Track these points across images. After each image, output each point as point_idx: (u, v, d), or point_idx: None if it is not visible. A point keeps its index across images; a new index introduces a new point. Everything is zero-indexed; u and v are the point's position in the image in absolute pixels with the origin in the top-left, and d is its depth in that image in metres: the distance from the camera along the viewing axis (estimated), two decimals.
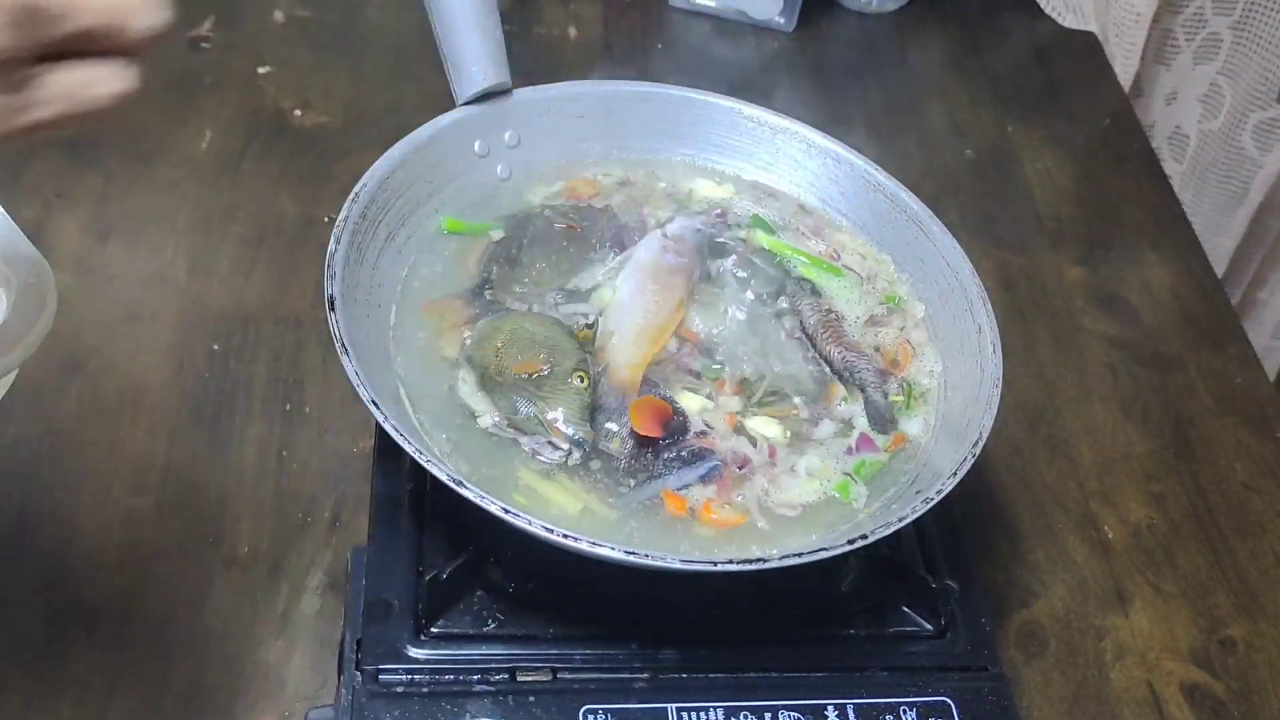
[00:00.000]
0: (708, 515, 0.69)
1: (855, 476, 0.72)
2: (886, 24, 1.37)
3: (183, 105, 1.11)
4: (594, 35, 1.28)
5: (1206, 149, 1.47)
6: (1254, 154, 1.45)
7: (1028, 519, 0.91)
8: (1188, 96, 1.45)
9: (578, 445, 0.70)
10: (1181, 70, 1.44)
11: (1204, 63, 1.43)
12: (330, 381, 0.91)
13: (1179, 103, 1.46)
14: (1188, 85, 1.45)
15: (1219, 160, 1.47)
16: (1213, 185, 1.49)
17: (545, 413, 0.70)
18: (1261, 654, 0.85)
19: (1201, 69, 1.43)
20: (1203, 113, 1.45)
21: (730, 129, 0.89)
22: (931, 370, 0.79)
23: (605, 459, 0.70)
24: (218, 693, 0.74)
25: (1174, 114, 1.47)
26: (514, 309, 0.77)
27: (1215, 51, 1.41)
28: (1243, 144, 1.44)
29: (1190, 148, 1.48)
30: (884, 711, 0.68)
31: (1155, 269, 1.14)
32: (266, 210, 1.03)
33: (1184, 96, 1.46)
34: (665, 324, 0.77)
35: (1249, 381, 1.04)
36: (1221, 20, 1.39)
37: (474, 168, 0.83)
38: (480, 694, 0.66)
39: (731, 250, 0.83)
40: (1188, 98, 1.45)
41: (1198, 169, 1.48)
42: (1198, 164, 1.48)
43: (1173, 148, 1.49)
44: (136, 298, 0.95)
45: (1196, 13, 1.40)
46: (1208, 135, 1.46)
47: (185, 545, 0.80)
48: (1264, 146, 1.44)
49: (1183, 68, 1.44)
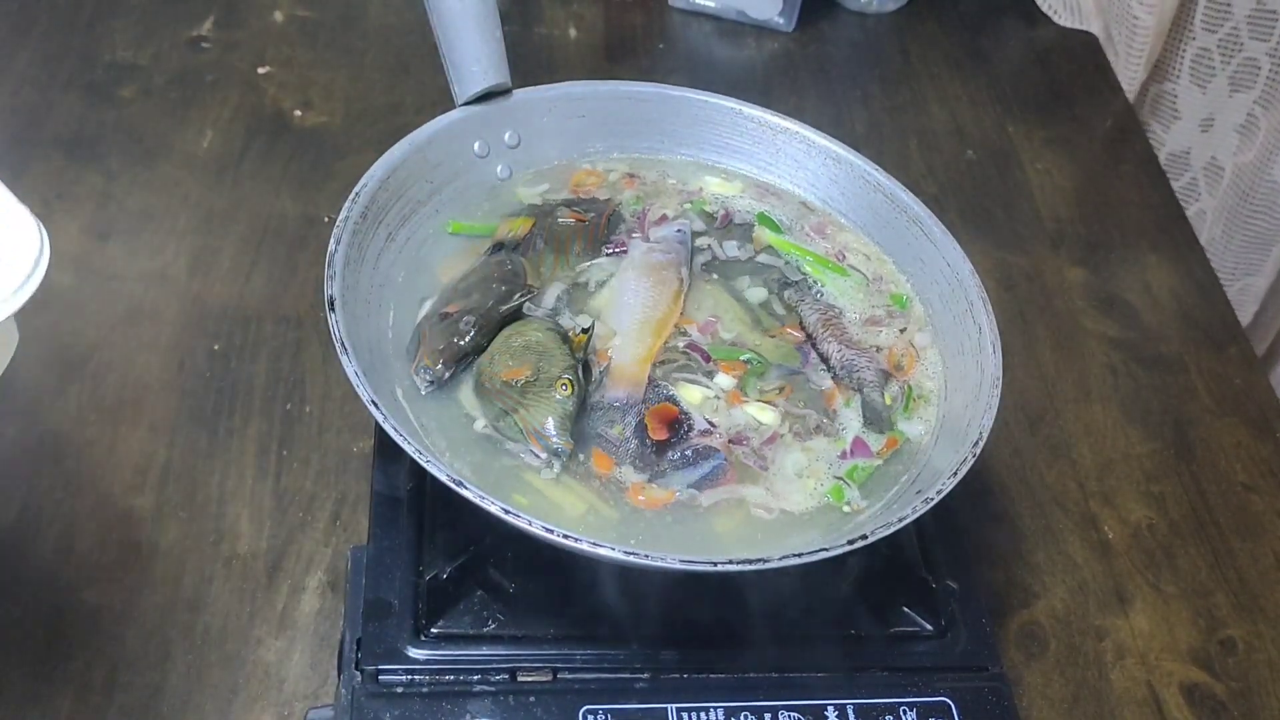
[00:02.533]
0: (636, 497, 0.69)
1: (848, 481, 0.72)
2: (886, 24, 1.37)
3: (183, 105, 1.11)
4: (594, 35, 1.28)
5: (1239, 183, 1.40)
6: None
7: (1028, 519, 0.91)
8: (1225, 126, 1.39)
9: (556, 455, 0.69)
10: (1218, 95, 1.37)
11: (1241, 90, 1.36)
12: (330, 381, 0.91)
13: (1216, 130, 1.40)
14: (1225, 113, 1.38)
15: (1250, 195, 1.40)
16: (1242, 221, 1.42)
17: (525, 421, 0.69)
18: (1261, 654, 0.85)
19: (1239, 97, 1.37)
20: (1239, 144, 1.39)
21: (730, 129, 0.89)
22: (934, 374, 0.79)
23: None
24: (217, 692, 0.74)
25: (1211, 143, 1.40)
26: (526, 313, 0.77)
27: (1253, 79, 1.35)
28: (1275, 178, 1.37)
29: (1224, 180, 1.41)
30: (884, 712, 0.68)
31: (1155, 270, 1.14)
32: (267, 210, 1.03)
33: (1221, 125, 1.39)
34: (665, 316, 0.77)
35: (1249, 382, 1.04)
36: (1259, 46, 1.32)
37: (474, 168, 0.84)
38: (480, 694, 0.66)
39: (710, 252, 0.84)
40: (1224, 127, 1.39)
41: (1228, 203, 1.42)
42: (1229, 198, 1.41)
43: (1208, 180, 1.43)
44: (137, 297, 0.95)
45: (1231, 33, 1.33)
46: (1241, 169, 1.39)
47: (185, 545, 0.81)
48: None
49: (1218, 91, 1.37)
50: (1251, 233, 1.41)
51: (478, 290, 0.75)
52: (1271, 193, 1.38)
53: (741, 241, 0.84)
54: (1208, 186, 1.44)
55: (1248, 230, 1.42)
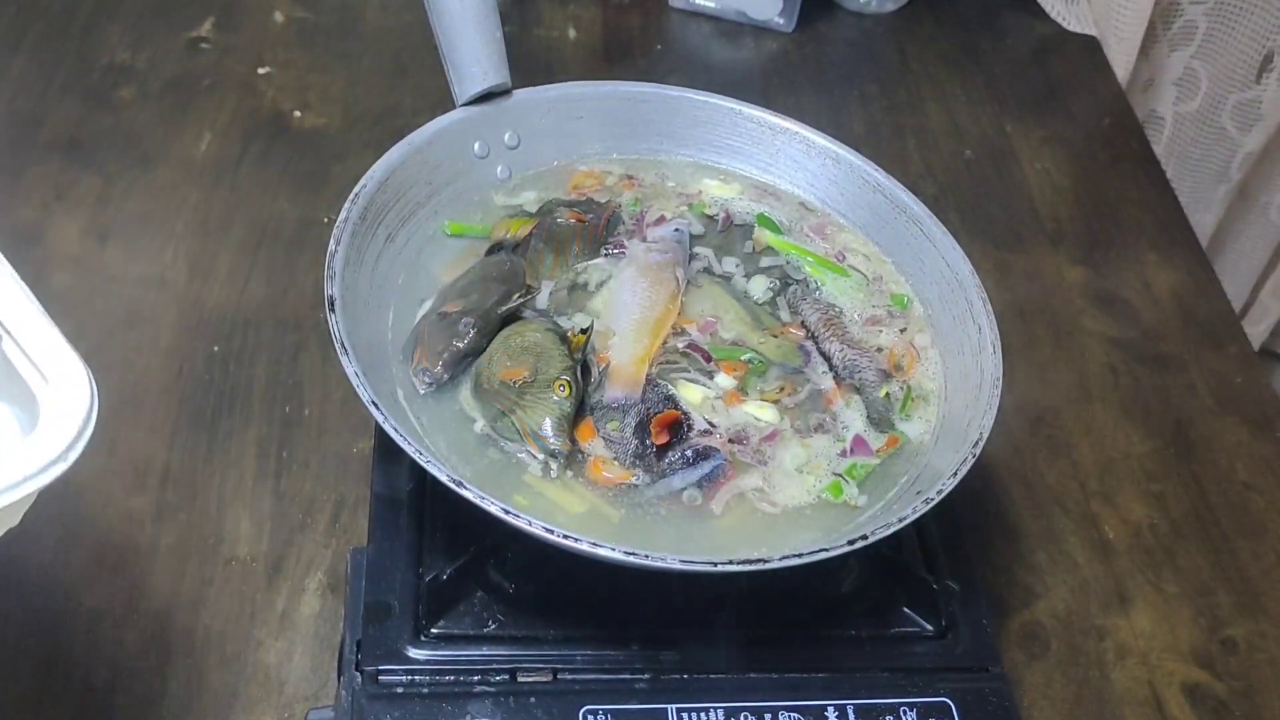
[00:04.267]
0: (598, 471, 0.69)
1: (847, 478, 0.72)
2: (886, 24, 1.37)
3: (182, 107, 1.11)
4: (594, 36, 1.28)
5: (1183, 130, 1.50)
6: (1234, 134, 1.48)
7: (1028, 519, 0.91)
8: (1163, 82, 1.48)
9: (553, 456, 0.69)
10: (1158, 59, 1.47)
11: (1179, 49, 1.45)
12: (330, 383, 0.91)
13: (1154, 88, 1.49)
14: (1163, 72, 1.47)
15: (1198, 140, 1.50)
16: (1192, 165, 1.52)
17: (522, 422, 0.69)
18: (1263, 654, 0.85)
19: (1177, 55, 1.45)
20: (1178, 95, 1.48)
21: (730, 129, 0.89)
22: (935, 374, 0.79)
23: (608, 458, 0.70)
24: (217, 693, 0.74)
25: (1149, 99, 1.50)
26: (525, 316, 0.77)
27: (1190, 38, 1.44)
28: (1222, 124, 1.47)
29: (1166, 130, 1.51)
30: (884, 712, 0.68)
31: (1155, 269, 1.14)
32: (266, 212, 1.03)
33: (1159, 82, 1.49)
34: (662, 316, 0.77)
35: (1249, 381, 1.04)
36: (1197, 8, 1.41)
37: (474, 169, 0.84)
38: (481, 695, 0.66)
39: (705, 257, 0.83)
40: (1163, 83, 1.48)
41: (1175, 150, 1.51)
42: (1175, 145, 1.51)
43: (1149, 130, 1.51)
44: (136, 300, 0.95)
45: (1173, 3, 1.42)
46: (1184, 117, 1.49)
47: (185, 546, 0.80)
48: (1243, 126, 1.47)
49: (1159, 55, 1.46)
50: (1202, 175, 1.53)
51: (476, 290, 0.75)
52: (1220, 137, 1.49)
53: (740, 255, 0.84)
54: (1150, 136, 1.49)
55: (1199, 173, 1.53)
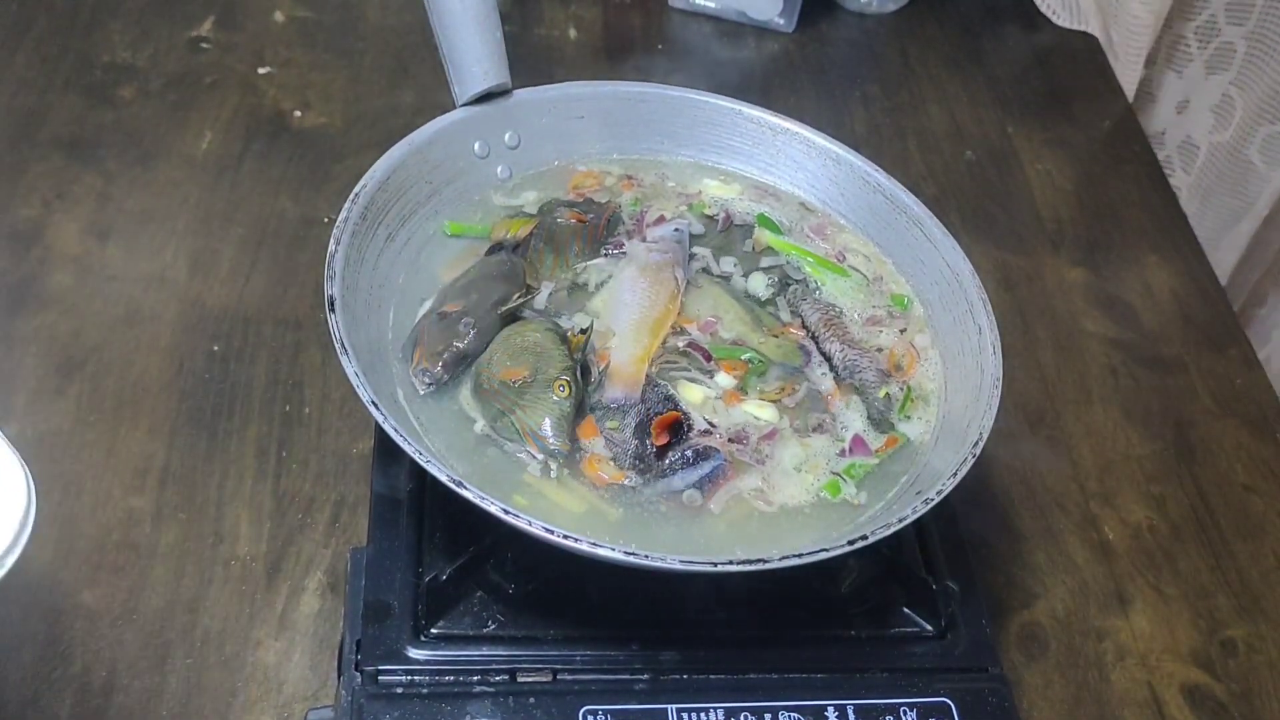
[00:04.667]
0: (593, 469, 0.69)
1: (846, 477, 0.72)
2: (886, 25, 1.37)
3: (183, 106, 1.11)
4: (594, 36, 1.28)
5: (1214, 161, 1.44)
6: (1261, 169, 1.41)
7: (1028, 520, 0.91)
8: (1200, 106, 1.43)
9: (552, 456, 0.69)
10: (1194, 78, 1.42)
11: (1217, 72, 1.40)
12: (330, 382, 0.91)
13: (1190, 111, 1.44)
14: (1200, 95, 1.42)
15: (1226, 173, 1.44)
16: (1217, 198, 1.46)
17: (522, 422, 0.69)
18: (1262, 655, 0.85)
19: (1215, 79, 1.40)
20: (1214, 124, 1.43)
21: (730, 130, 0.89)
22: (935, 374, 0.79)
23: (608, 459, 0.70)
24: (216, 693, 0.74)
25: (1185, 123, 1.45)
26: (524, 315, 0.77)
27: (1229, 62, 1.39)
28: (1250, 157, 1.42)
29: (1199, 159, 1.45)
30: (884, 712, 0.68)
31: (1156, 271, 1.14)
32: (266, 211, 1.03)
33: (1196, 106, 1.43)
34: (662, 316, 0.77)
35: (1249, 383, 1.04)
36: (1235, 30, 1.36)
37: (474, 168, 0.84)
38: (480, 695, 0.66)
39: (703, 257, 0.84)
40: (1200, 107, 1.43)
41: (1204, 181, 1.46)
42: (1205, 176, 1.46)
43: (1183, 158, 1.47)
44: (136, 298, 0.95)
45: (1209, 20, 1.37)
46: (1216, 147, 1.44)
47: (185, 545, 0.80)
48: (1272, 161, 1.40)
49: (1195, 76, 1.41)
50: (1226, 208, 1.46)
51: (477, 289, 0.75)
52: (1247, 172, 1.42)
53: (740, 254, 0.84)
54: (1182, 163, 1.48)
55: (1223, 206, 1.46)
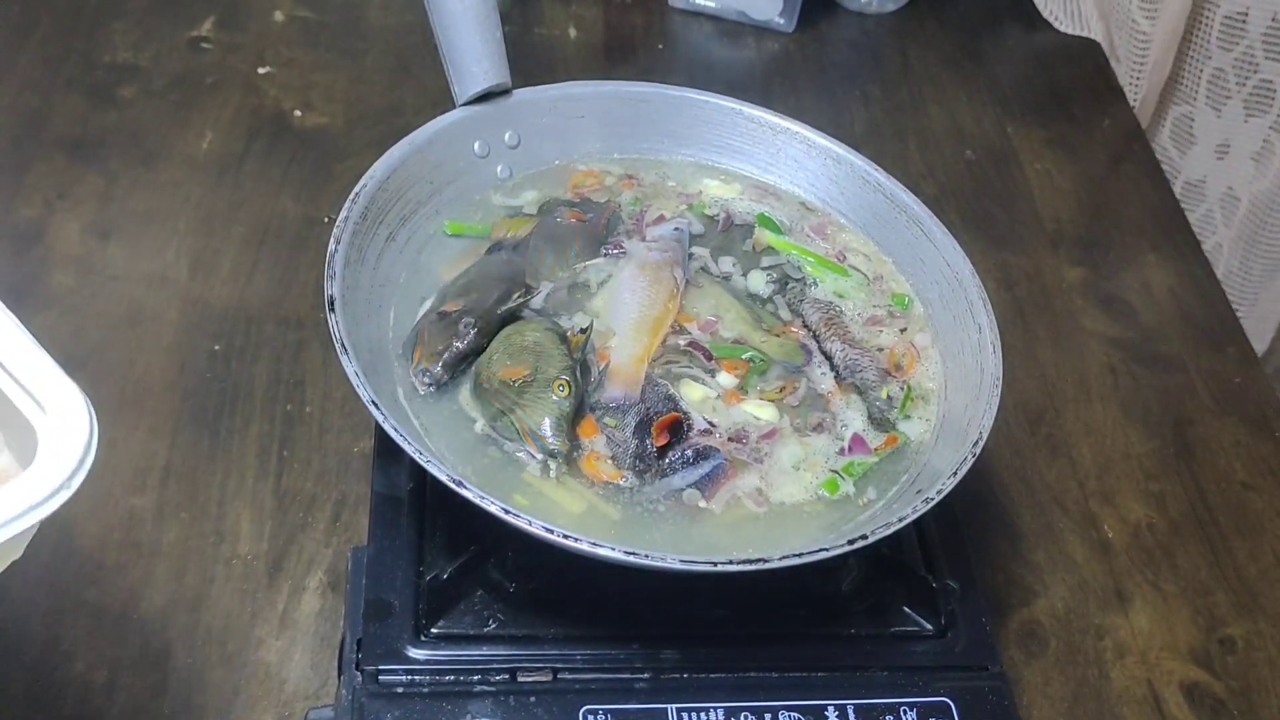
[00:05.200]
0: (592, 466, 0.70)
1: (844, 475, 0.72)
2: (886, 25, 1.37)
3: (184, 106, 1.11)
4: (594, 35, 1.28)
5: (1256, 211, 1.37)
6: None
7: (1028, 519, 0.91)
8: (1241, 153, 1.35)
9: (551, 456, 0.69)
10: (1233, 118, 1.33)
11: (1256, 115, 1.32)
12: (330, 382, 0.91)
13: (1231, 158, 1.36)
14: (1241, 140, 1.34)
15: (1266, 223, 1.36)
16: (1261, 250, 1.38)
17: (521, 421, 0.69)
18: (1261, 653, 0.85)
19: (1255, 122, 1.32)
20: (1255, 173, 1.35)
21: (730, 129, 0.89)
22: (935, 374, 0.79)
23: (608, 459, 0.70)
24: (218, 692, 0.74)
25: (1227, 172, 1.36)
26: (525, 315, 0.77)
27: (1269, 103, 1.31)
28: None
29: (1240, 211, 1.38)
30: (884, 712, 0.68)
31: (1155, 269, 1.14)
32: (267, 211, 1.03)
33: (1236, 152, 1.35)
34: (661, 315, 0.77)
35: (1248, 381, 1.04)
36: (1273, 66, 1.28)
37: (474, 168, 0.84)
38: (481, 694, 0.66)
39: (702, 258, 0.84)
40: (1241, 155, 1.35)
41: (1245, 233, 1.38)
42: (1246, 227, 1.38)
43: (1224, 211, 1.39)
44: (138, 298, 0.95)
45: (1246, 52, 1.29)
46: (1257, 198, 1.36)
47: (186, 546, 0.81)
48: None
49: (1233, 116, 1.33)
50: (1269, 260, 1.38)
51: (477, 288, 0.76)
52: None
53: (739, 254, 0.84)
54: (1224, 218, 1.40)
55: (1266, 259, 1.39)
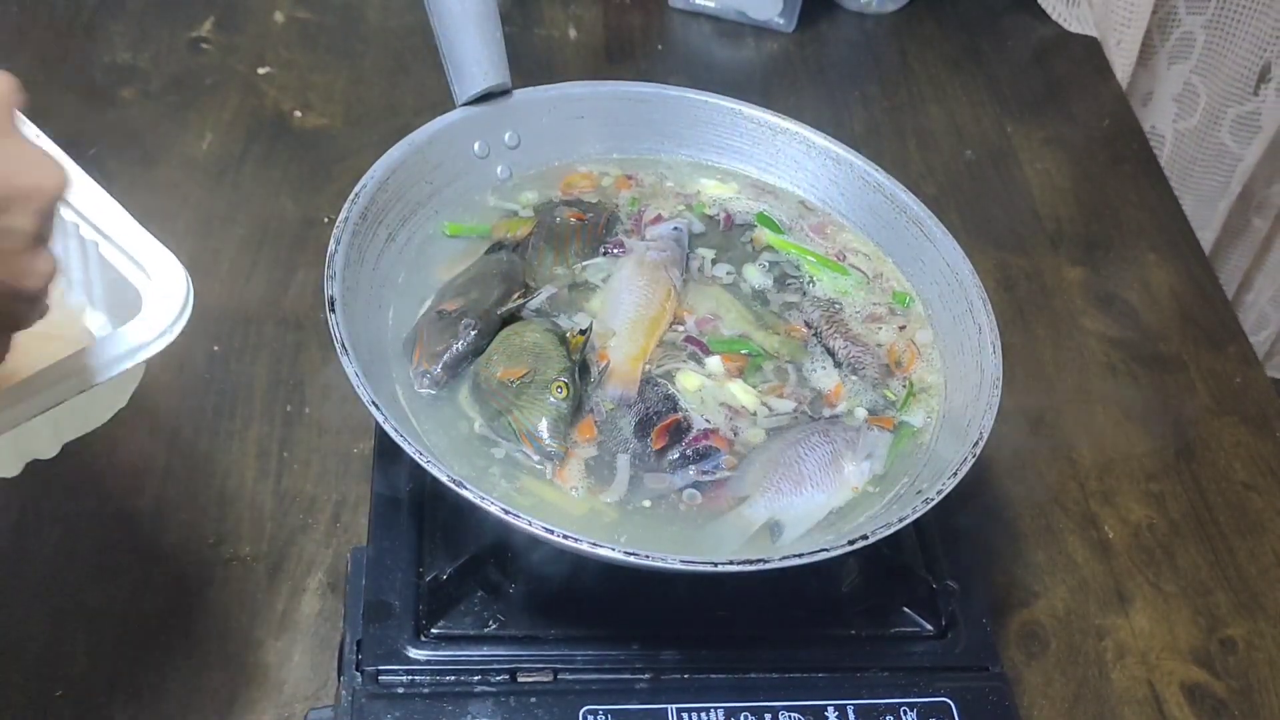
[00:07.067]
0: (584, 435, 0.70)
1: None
2: (886, 25, 1.37)
3: (183, 107, 1.11)
4: (594, 36, 1.28)
5: (1184, 147, 1.50)
6: (1234, 148, 1.47)
7: (1028, 519, 0.91)
8: (1163, 97, 1.48)
9: (548, 457, 0.69)
10: (1157, 71, 1.46)
11: (1178, 62, 1.45)
12: (330, 382, 0.91)
13: (1154, 103, 1.49)
14: (1163, 86, 1.47)
15: (1199, 157, 1.50)
16: (1193, 182, 1.52)
17: (519, 422, 0.69)
18: (1261, 653, 0.85)
19: (1176, 69, 1.45)
20: (1178, 112, 1.48)
21: (730, 129, 0.89)
22: (935, 372, 0.79)
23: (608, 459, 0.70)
24: (217, 693, 0.74)
25: (1149, 115, 1.49)
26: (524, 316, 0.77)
27: (1189, 51, 1.44)
28: (1222, 139, 1.48)
29: (1166, 147, 1.50)
30: (884, 712, 0.68)
31: (1154, 269, 1.14)
32: (267, 211, 1.03)
33: (1159, 96, 1.48)
34: (658, 314, 0.77)
35: (1248, 381, 1.04)
36: (1195, 19, 1.41)
37: (474, 168, 0.84)
38: (481, 695, 0.66)
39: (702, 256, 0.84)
40: (1163, 98, 1.48)
41: (1176, 167, 1.51)
42: (1176, 162, 1.51)
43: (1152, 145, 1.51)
44: None
45: (1170, 12, 1.42)
46: (1184, 134, 1.49)
47: (185, 546, 0.80)
48: (1242, 140, 1.47)
49: (1158, 68, 1.46)
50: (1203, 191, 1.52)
51: (476, 288, 0.75)
52: (1220, 153, 1.49)
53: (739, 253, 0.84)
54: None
55: (1199, 189, 1.52)
